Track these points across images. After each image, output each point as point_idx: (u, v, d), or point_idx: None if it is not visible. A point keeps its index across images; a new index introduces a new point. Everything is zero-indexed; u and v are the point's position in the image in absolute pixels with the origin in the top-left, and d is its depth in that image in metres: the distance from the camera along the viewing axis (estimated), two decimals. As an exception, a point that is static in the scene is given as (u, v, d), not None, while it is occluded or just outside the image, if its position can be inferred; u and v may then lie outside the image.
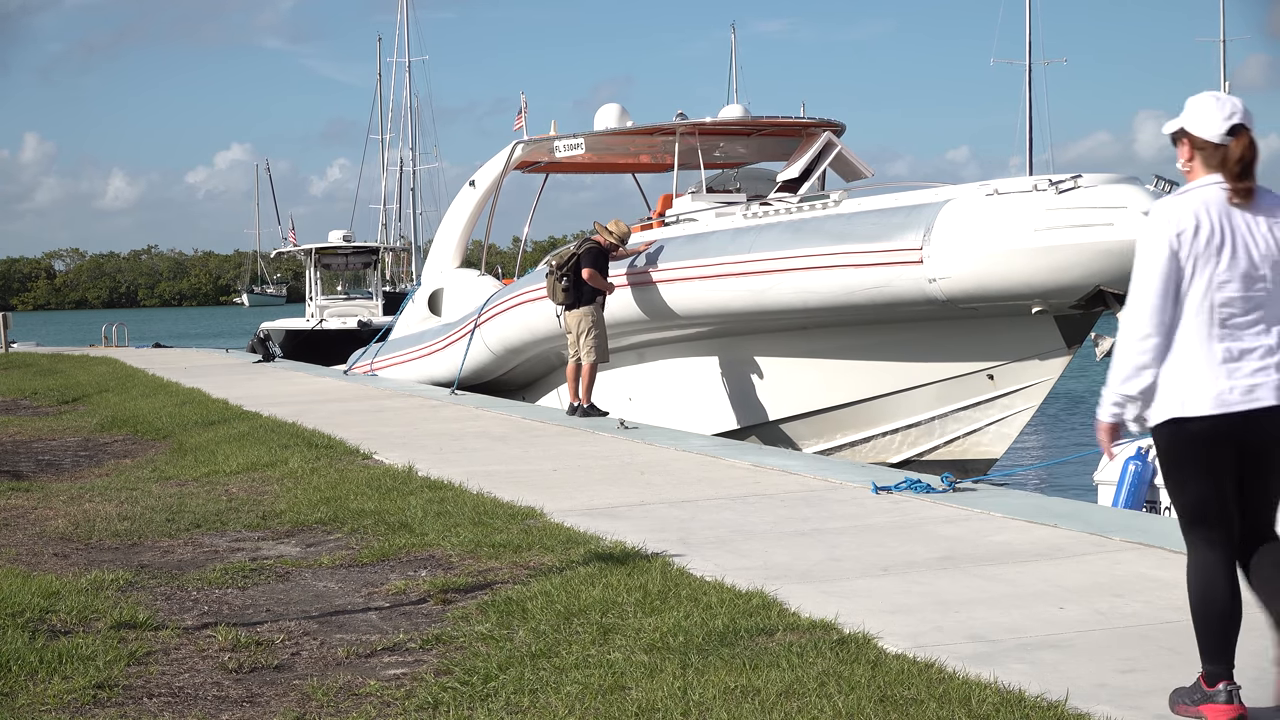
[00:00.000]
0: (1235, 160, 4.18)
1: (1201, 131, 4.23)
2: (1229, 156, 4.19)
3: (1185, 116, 4.29)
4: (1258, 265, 4.19)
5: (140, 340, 42.43)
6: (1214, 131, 4.21)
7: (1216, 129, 4.20)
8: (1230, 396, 4.15)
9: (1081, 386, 28.78)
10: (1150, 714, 4.26)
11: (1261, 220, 4.21)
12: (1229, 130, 4.19)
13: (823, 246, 13.44)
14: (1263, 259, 4.19)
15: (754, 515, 8.06)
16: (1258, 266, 4.19)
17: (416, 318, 22.00)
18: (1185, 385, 4.18)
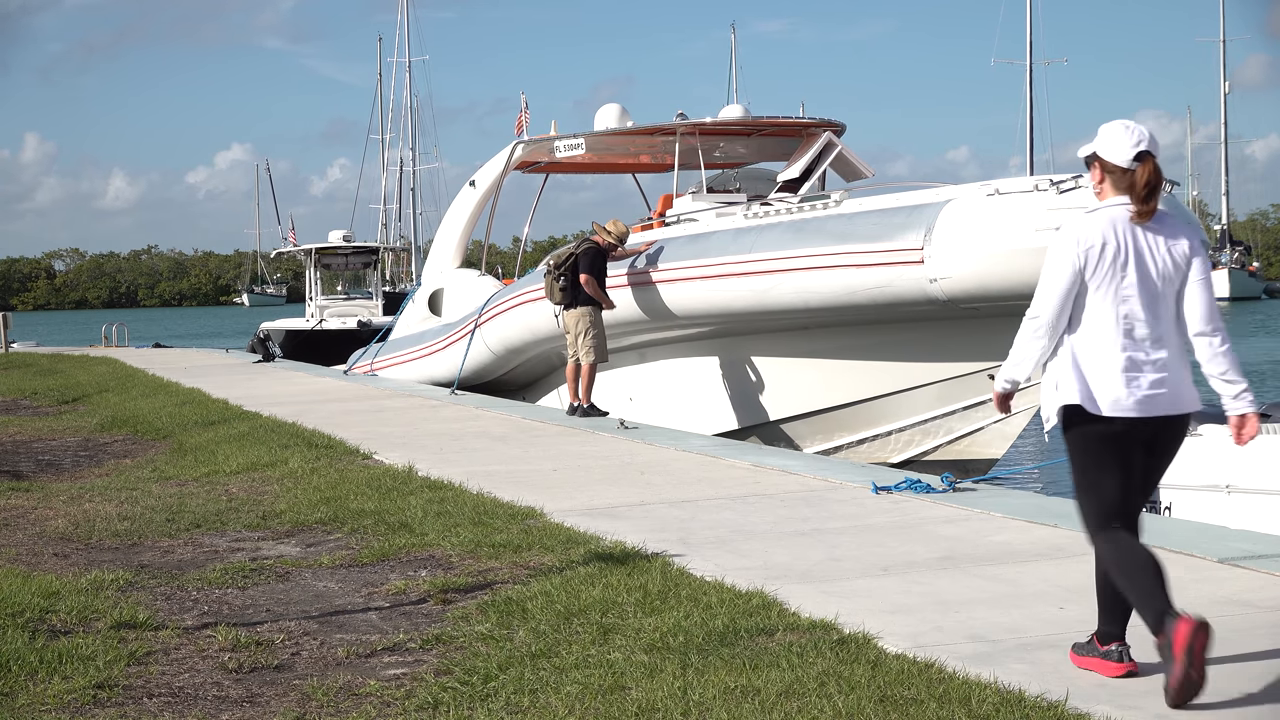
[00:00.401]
0: (1141, 184, 4.59)
1: (1111, 157, 4.64)
2: (1135, 180, 4.60)
3: (1097, 142, 4.70)
4: (1157, 281, 4.63)
5: (140, 340, 42.44)
6: (1122, 157, 4.62)
7: (1125, 155, 4.62)
8: (1126, 403, 4.60)
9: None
10: (1150, 714, 4.26)
11: (1162, 240, 4.65)
12: (1136, 156, 4.60)
13: (824, 247, 13.44)
14: (1160, 276, 4.64)
15: (754, 515, 8.06)
16: (1157, 283, 4.63)
17: (416, 318, 22.00)
18: (1092, 383, 4.63)
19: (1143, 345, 4.63)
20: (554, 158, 20.10)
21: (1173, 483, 10.06)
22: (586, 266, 14.46)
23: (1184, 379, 4.71)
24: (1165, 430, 4.70)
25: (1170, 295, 4.66)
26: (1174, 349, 4.67)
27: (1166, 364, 4.64)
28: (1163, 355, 4.65)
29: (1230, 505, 9.58)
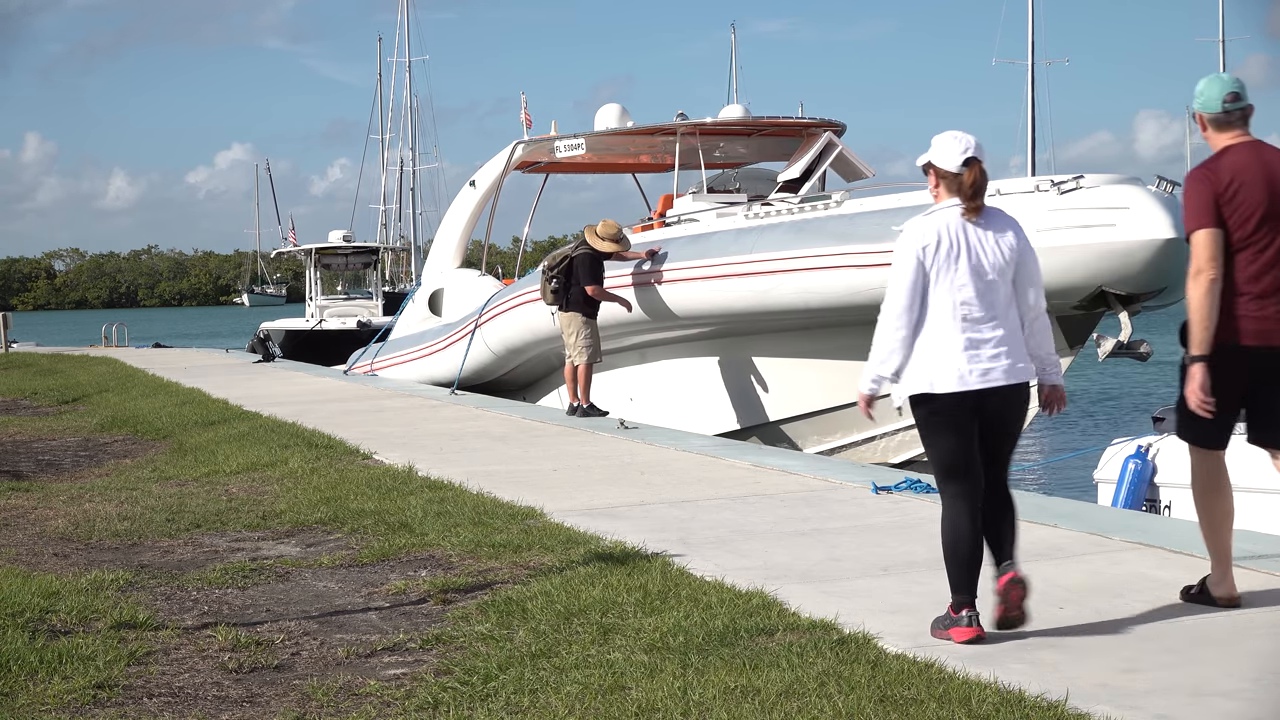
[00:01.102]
0: (969, 186, 5.22)
1: (943, 164, 5.28)
2: (964, 183, 5.23)
3: (931, 152, 5.32)
4: (988, 271, 5.21)
5: (140, 340, 42.43)
6: (953, 163, 5.25)
7: (954, 161, 5.25)
8: (970, 378, 5.17)
9: (1084, 387, 28.79)
10: (1150, 714, 4.26)
11: (990, 234, 5.26)
12: (964, 162, 5.23)
13: (825, 247, 13.44)
14: (992, 266, 5.22)
15: (754, 515, 8.06)
16: (988, 272, 5.21)
17: (416, 318, 21.99)
18: (935, 367, 5.20)
19: (979, 327, 5.20)
20: (554, 158, 20.09)
21: (1172, 482, 10.06)
22: (588, 277, 14.48)
23: (1020, 354, 5.28)
24: (1006, 399, 5.24)
25: (1002, 283, 5.24)
26: (1009, 329, 5.25)
27: (1002, 341, 5.22)
28: (998, 334, 5.21)
29: (1230, 505, 9.56)
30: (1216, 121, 5.66)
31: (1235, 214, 5.48)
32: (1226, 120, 5.64)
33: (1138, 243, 11.80)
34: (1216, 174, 5.52)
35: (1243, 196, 5.47)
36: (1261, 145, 5.62)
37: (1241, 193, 5.47)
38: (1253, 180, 5.48)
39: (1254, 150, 5.56)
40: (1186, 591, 5.66)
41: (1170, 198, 12.20)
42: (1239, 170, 5.50)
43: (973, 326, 5.20)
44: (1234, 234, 5.50)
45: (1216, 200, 5.48)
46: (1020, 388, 5.27)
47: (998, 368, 5.20)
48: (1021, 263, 5.30)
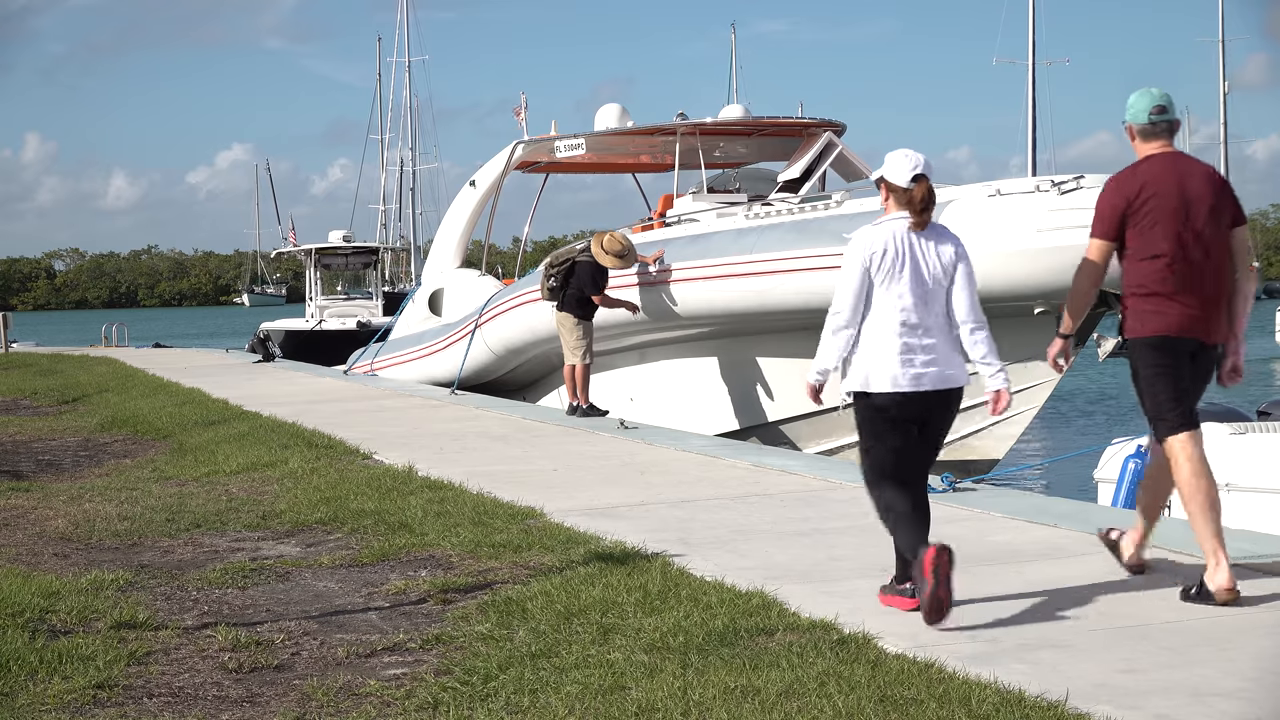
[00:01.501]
0: (917, 200, 5.60)
1: (894, 179, 5.66)
2: (912, 197, 5.61)
3: (884, 168, 5.72)
4: (929, 281, 5.61)
5: (140, 340, 42.44)
6: (902, 179, 5.63)
7: (904, 177, 5.64)
8: (902, 380, 5.58)
9: (1084, 387, 28.79)
10: (1150, 714, 4.26)
11: (933, 246, 5.65)
12: (913, 178, 5.62)
13: (825, 247, 13.44)
14: (932, 276, 5.62)
15: (754, 515, 8.06)
16: (929, 282, 5.61)
17: (417, 318, 21.99)
18: (871, 367, 5.63)
19: (916, 333, 5.60)
20: (554, 158, 20.09)
21: (1173, 483, 10.05)
22: (591, 286, 14.53)
23: (953, 361, 5.68)
24: (937, 403, 5.68)
25: (940, 293, 5.64)
26: (943, 337, 5.65)
27: (936, 348, 5.62)
28: (933, 341, 5.62)
29: (1230, 505, 9.57)
30: (1144, 133, 6.11)
31: (1144, 220, 5.90)
32: (1152, 131, 6.09)
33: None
34: (1131, 182, 5.97)
35: (1154, 204, 5.89)
36: (1179, 156, 6.08)
37: (1153, 200, 5.90)
38: (1165, 190, 5.91)
39: (1171, 161, 6.01)
40: (1187, 593, 5.73)
41: None
42: (1153, 179, 5.93)
43: (910, 332, 5.60)
44: (1143, 240, 5.91)
45: (1126, 209, 5.94)
46: (948, 393, 5.68)
47: (929, 374, 5.61)
48: (959, 275, 5.68)
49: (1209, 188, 5.95)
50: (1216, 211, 5.93)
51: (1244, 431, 10.10)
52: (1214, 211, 5.92)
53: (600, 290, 14.59)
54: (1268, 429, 10.16)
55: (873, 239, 5.64)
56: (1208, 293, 5.90)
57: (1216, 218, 5.93)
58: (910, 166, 5.64)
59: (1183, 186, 5.92)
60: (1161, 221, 5.86)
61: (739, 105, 19.77)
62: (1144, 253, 5.89)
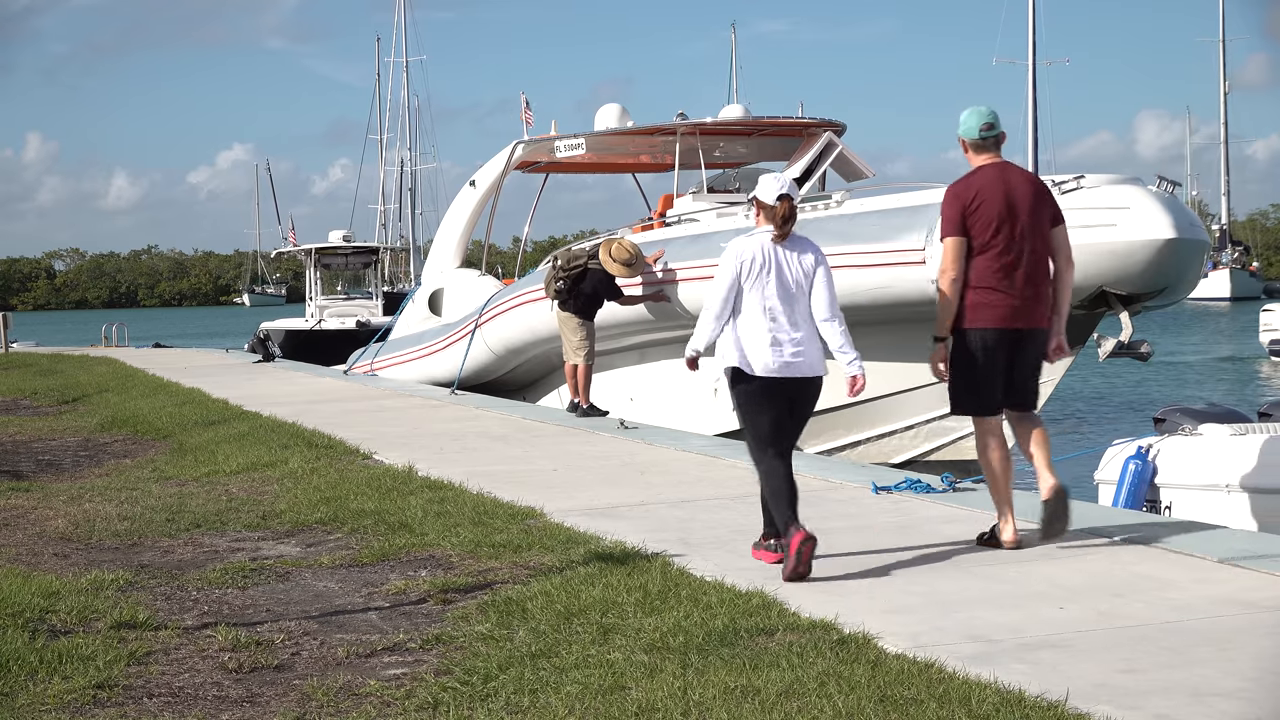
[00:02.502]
0: (779, 216, 6.60)
1: (763, 198, 6.69)
2: (776, 214, 6.61)
3: (757, 189, 6.73)
4: (791, 285, 6.62)
5: (140, 340, 42.43)
6: (769, 198, 6.65)
7: (771, 197, 6.65)
8: (772, 366, 6.56)
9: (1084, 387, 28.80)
10: (1150, 714, 4.26)
11: (794, 255, 6.66)
12: (778, 198, 6.62)
13: (825, 247, 13.39)
14: (794, 280, 6.62)
15: (754, 515, 8.03)
16: (791, 285, 6.62)
17: (417, 318, 21.99)
18: (747, 353, 6.58)
19: (782, 328, 6.56)
20: (554, 158, 20.10)
21: (1173, 483, 10.07)
22: (610, 294, 14.59)
23: (813, 353, 6.65)
24: (801, 388, 6.66)
25: (803, 294, 6.63)
26: (806, 331, 6.62)
27: (800, 341, 6.59)
28: (798, 334, 6.59)
29: (1230, 505, 9.58)
30: (975, 146, 7.01)
31: (978, 223, 6.81)
32: (982, 144, 6.99)
33: (1138, 243, 11.79)
34: (967, 190, 6.86)
35: (985, 209, 6.80)
36: (1007, 166, 6.98)
37: (985, 206, 6.80)
38: (994, 196, 6.81)
39: (999, 170, 6.93)
40: (980, 538, 6.89)
41: (1171, 198, 12.19)
42: (984, 187, 6.84)
43: (777, 327, 6.57)
44: (978, 239, 6.81)
45: (964, 212, 6.82)
46: (810, 380, 6.68)
47: (794, 362, 6.59)
48: (818, 279, 6.67)
49: (1031, 192, 6.91)
50: (1038, 213, 6.91)
51: (1244, 432, 10.10)
52: (1035, 213, 6.89)
53: (621, 295, 14.66)
54: (1268, 429, 10.16)
55: (744, 248, 6.65)
56: (1032, 284, 6.87)
57: (1038, 218, 6.90)
58: (776, 188, 6.65)
59: (1009, 192, 6.85)
60: (993, 223, 6.79)
61: (739, 105, 19.78)
62: (979, 251, 6.80)
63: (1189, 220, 12.22)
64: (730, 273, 6.62)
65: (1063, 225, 7.08)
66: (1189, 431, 10.35)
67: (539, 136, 20.29)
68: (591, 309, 14.61)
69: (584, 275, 14.55)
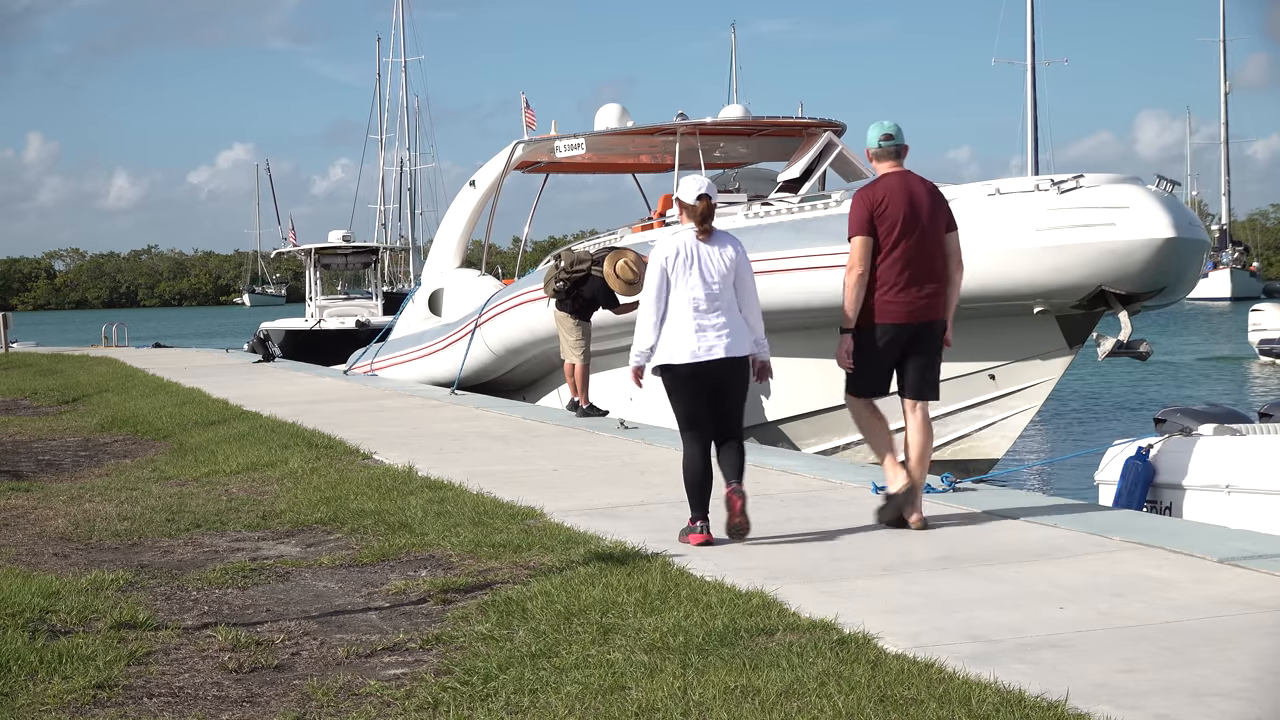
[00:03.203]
0: (699, 215, 7.15)
1: (684, 198, 7.21)
2: (696, 212, 7.16)
3: (678, 190, 7.27)
4: (713, 277, 7.14)
5: (140, 340, 42.44)
6: (690, 198, 7.18)
7: (691, 197, 7.17)
8: (699, 352, 7.09)
9: (1084, 388, 28.80)
10: (1150, 714, 4.26)
11: (715, 250, 7.19)
12: (697, 198, 7.16)
13: (824, 246, 13.44)
14: (716, 272, 7.14)
15: (754, 515, 8.05)
16: (713, 278, 7.14)
17: (417, 318, 22.00)
18: (673, 345, 7.12)
19: (706, 316, 7.11)
20: (554, 158, 20.10)
21: (1173, 483, 10.07)
22: (606, 301, 14.57)
23: (738, 337, 7.16)
24: (726, 369, 7.15)
25: (726, 285, 7.15)
26: (730, 318, 7.15)
27: (723, 327, 7.11)
28: (720, 321, 7.12)
29: (1230, 505, 9.57)
30: (878, 155, 7.67)
31: (884, 225, 7.45)
32: (884, 154, 7.64)
33: (1137, 242, 11.79)
34: (874, 194, 7.51)
35: (889, 212, 7.43)
36: (908, 174, 7.62)
37: (889, 209, 7.44)
38: (897, 200, 7.45)
39: (901, 178, 7.57)
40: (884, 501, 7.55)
41: (1170, 197, 12.19)
42: (888, 192, 7.48)
43: (701, 316, 7.12)
44: (883, 240, 7.45)
45: (871, 214, 7.45)
46: (737, 360, 7.17)
47: (719, 345, 7.10)
48: (739, 271, 7.22)
49: (929, 199, 7.52)
50: (935, 218, 7.51)
51: (1244, 432, 10.10)
52: (933, 218, 7.50)
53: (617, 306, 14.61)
54: (1268, 430, 10.16)
55: (668, 246, 7.22)
56: (929, 283, 7.50)
57: (935, 223, 7.52)
58: (696, 189, 7.19)
59: (911, 197, 7.48)
60: (896, 225, 7.42)
61: (739, 105, 19.78)
62: (883, 251, 7.44)
63: (1188, 220, 12.22)
64: (658, 270, 7.20)
65: (956, 232, 7.66)
66: (1189, 432, 10.35)
67: (539, 136, 20.30)
68: (588, 311, 14.61)
69: (586, 279, 14.54)
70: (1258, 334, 35.78)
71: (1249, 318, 37.14)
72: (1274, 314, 36.03)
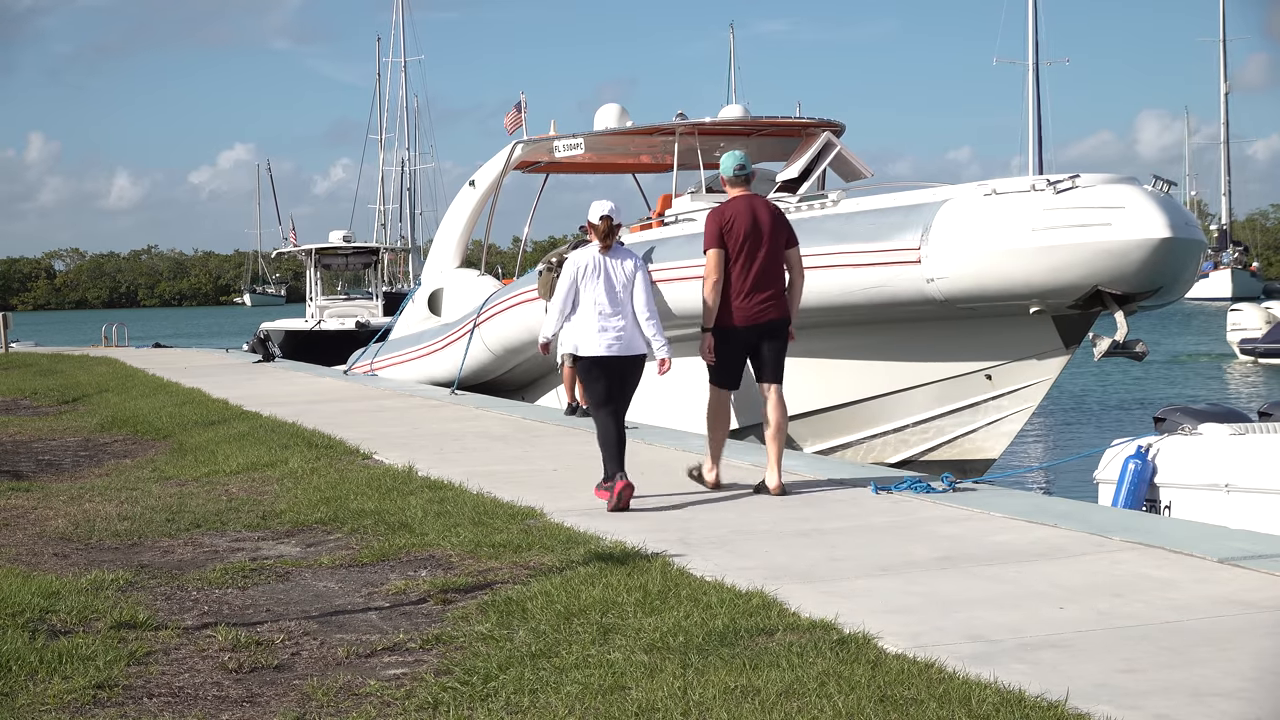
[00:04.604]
0: (602, 233, 8.62)
1: (591, 218, 8.67)
2: (599, 230, 8.63)
3: (589, 212, 8.67)
4: (616, 285, 8.65)
5: (140, 340, 42.44)
6: (594, 218, 8.65)
7: (595, 217, 8.64)
8: (600, 348, 8.59)
9: (1084, 388, 28.80)
10: (1150, 714, 4.26)
11: (618, 262, 8.70)
12: (601, 217, 8.62)
13: (821, 246, 13.43)
14: (617, 281, 8.65)
15: (754, 515, 8.06)
16: (616, 286, 8.65)
17: (416, 318, 21.98)
18: (583, 339, 8.63)
19: (608, 319, 8.60)
20: (553, 157, 20.08)
21: (1173, 483, 10.07)
22: None
23: (634, 337, 8.68)
24: (624, 364, 8.69)
25: (626, 293, 8.66)
26: (629, 322, 8.65)
27: (622, 329, 8.62)
28: (620, 324, 8.61)
29: (1230, 505, 9.58)
30: (731, 181, 9.07)
31: (731, 240, 8.83)
32: (736, 180, 9.04)
33: (1133, 242, 11.78)
34: (723, 214, 8.88)
35: (736, 229, 8.83)
36: (753, 197, 9.02)
37: (735, 227, 8.84)
38: (742, 219, 8.84)
39: (747, 200, 8.96)
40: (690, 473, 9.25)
41: (1166, 197, 12.18)
42: (735, 212, 8.88)
43: (604, 318, 8.60)
44: (731, 253, 8.85)
45: (721, 230, 8.84)
46: (632, 357, 8.70)
47: (617, 343, 8.62)
48: (637, 282, 8.67)
49: (770, 219, 8.88)
50: (776, 235, 8.88)
51: (1244, 432, 10.10)
52: (774, 235, 8.87)
53: None
54: (1268, 429, 10.17)
55: (579, 258, 8.68)
56: (771, 289, 8.88)
57: (776, 240, 8.88)
58: (601, 211, 8.62)
59: (754, 218, 8.84)
60: (741, 241, 8.80)
61: (738, 105, 19.75)
62: (731, 262, 8.84)
63: (1184, 220, 12.21)
64: (568, 278, 8.65)
65: (796, 246, 9.04)
66: (1189, 431, 10.36)
67: (538, 136, 20.28)
68: None
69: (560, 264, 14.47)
70: (1237, 334, 36.23)
71: (1227, 318, 37.48)
72: (1252, 314, 36.59)
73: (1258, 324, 35.78)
